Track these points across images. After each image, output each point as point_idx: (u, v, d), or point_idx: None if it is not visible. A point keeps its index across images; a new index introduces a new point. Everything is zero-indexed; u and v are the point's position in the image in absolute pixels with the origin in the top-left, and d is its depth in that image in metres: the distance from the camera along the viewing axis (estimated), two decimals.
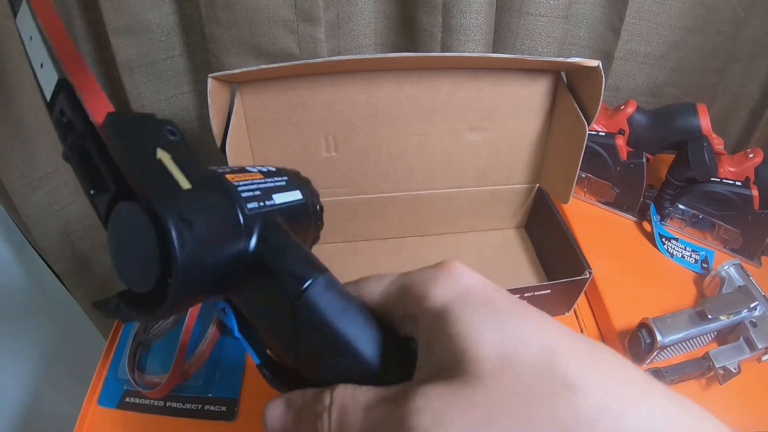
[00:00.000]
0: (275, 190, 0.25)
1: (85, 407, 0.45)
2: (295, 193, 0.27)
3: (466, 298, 0.20)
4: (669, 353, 0.48)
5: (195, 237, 0.19)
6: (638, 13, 0.66)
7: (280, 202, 0.25)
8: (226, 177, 0.23)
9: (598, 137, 0.61)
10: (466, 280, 0.21)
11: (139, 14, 0.60)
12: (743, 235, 0.59)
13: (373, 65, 0.48)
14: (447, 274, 0.22)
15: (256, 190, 0.24)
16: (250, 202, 0.23)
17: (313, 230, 0.28)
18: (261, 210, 0.23)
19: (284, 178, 0.27)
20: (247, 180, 0.24)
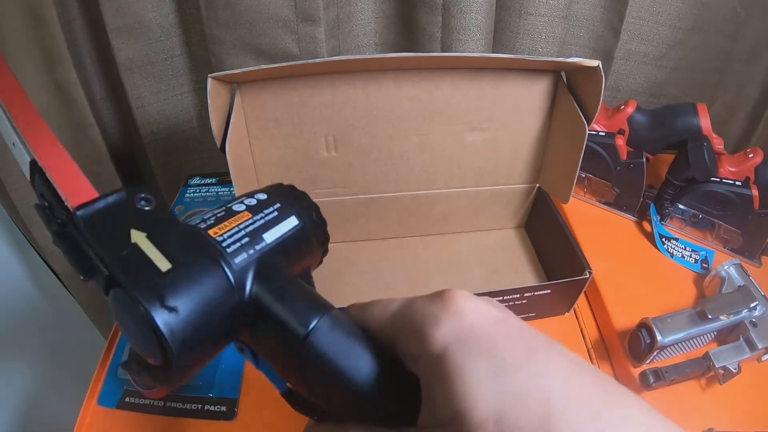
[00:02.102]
0: (266, 227, 0.24)
1: (85, 407, 0.45)
2: (289, 220, 0.25)
3: (467, 345, 0.19)
4: (669, 353, 0.48)
5: (183, 321, 0.19)
6: (638, 13, 0.66)
7: (272, 239, 0.24)
8: (209, 233, 0.22)
9: (598, 137, 0.61)
10: (468, 319, 0.20)
11: (139, 14, 0.60)
12: (743, 235, 0.59)
13: (373, 65, 0.48)
14: (448, 311, 0.20)
15: (244, 237, 0.23)
16: (237, 256, 0.22)
17: (317, 249, 0.27)
18: (252, 258, 0.22)
19: (276, 206, 0.26)
20: (232, 229, 0.23)
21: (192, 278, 0.20)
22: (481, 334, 0.20)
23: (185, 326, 0.19)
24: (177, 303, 0.19)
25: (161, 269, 0.19)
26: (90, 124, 0.63)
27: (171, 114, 0.70)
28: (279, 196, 0.26)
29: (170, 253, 0.20)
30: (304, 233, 0.26)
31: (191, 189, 0.68)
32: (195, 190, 0.68)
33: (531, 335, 0.20)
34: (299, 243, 0.26)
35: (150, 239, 0.20)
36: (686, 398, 0.46)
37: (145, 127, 0.68)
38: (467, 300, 0.21)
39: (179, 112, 0.70)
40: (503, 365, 0.18)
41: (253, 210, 0.25)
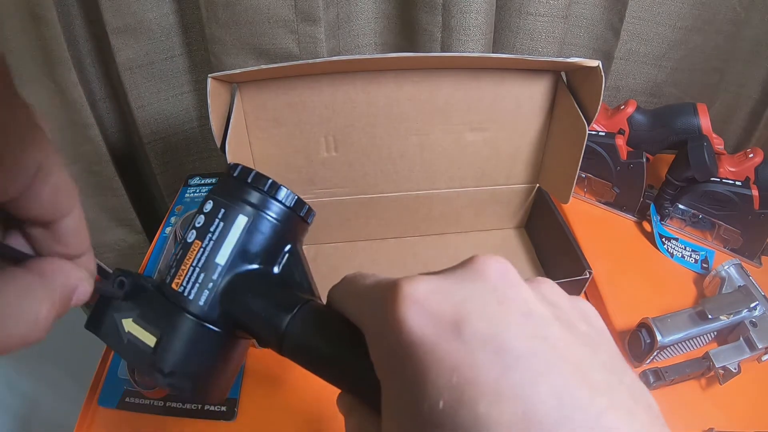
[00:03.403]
0: (216, 248, 0.24)
1: (85, 407, 0.45)
2: (237, 222, 0.25)
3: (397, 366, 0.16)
4: (669, 353, 0.48)
5: (185, 377, 0.23)
6: (638, 13, 0.66)
7: (226, 258, 0.24)
8: (173, 287, 0.24)
9: (598, 137, 0.61)
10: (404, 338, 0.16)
11: (139, 14, 0.60)
12: (743, 235, 0.59)
13: (373, 65, 0.48)
14: (390, 317, 0.17)
15: (201, 273, 0.24)
16: (201, 298, 0.24)
17: (289, 220, 0.26)
18: (214, 289, 0.24)
19: (220, 213, 0.25)
20: (188, 271, 0.24)
21: (173, 342, 0.23)
22: (415, 357, 0.16)
23: (187, 379, 0.23)
24: (172, 368, 0.23)
25: (151, 346, 0.23)
26: (90, 124, 0.63)
27: (171, 114, 0.70)
28: (223, 196, 0.25)
29: (152, 327, 0.23)
30: (259, 223, 0.25)
31: (191, 189, 0.68)
32: (195, 190, 0.68)
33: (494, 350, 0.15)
34: (259, 234, 0.25)
35: (136, 322, 0.24)
36: (686, 398, 0.46)
37: (145, 127, 0.68)
38: (411, 303, 0.16)
39: (179, 112, 0.70)
40: (425, 414, 0.15)
41: (201, 234, 0.25)
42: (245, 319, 0.24)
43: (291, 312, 0.23)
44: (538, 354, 0.15)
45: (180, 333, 0.23)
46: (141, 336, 0.23)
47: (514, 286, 0.17)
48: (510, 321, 0.16)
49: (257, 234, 0.25)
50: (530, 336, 0.15)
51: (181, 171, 0.73)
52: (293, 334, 0.22)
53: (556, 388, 0.14)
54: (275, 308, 0.23)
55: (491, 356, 0.15)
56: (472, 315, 0.16)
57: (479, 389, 0.14)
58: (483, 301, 0.16)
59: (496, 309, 0.16)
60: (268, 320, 0.23)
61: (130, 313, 0.24)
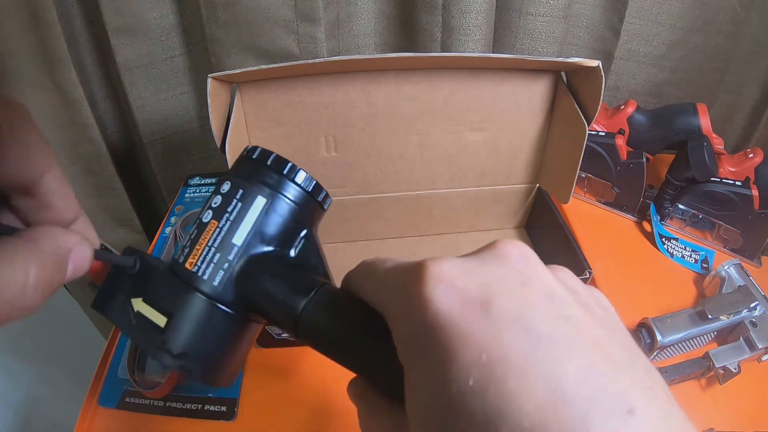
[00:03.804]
0: (233, 229, 0.24)
1: (85, 407, 0.45)
2: (256, 204, 0.24)
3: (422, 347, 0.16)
4: (669, 353, 0.48)
5: (193, 358, 0.23)
6: (638, 13, 0.66)
7: (243, 239, 0.24)
8: (186, 267, 0.24)
9: (598, 137, 0.61)
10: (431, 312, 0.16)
11: (139, 14, 0.60)
12: (743, 235, 0.59)
13: (373, 65, 0.48)
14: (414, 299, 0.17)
15: (215, 255, 0.24)
16: (215, 278, 0.23)
17: (306, 205, 0.26)
18: (229, 271, 0.24)
19: (238, 194, 0.24)
20: (203, 251, 0.24)
21: (184, 322, 0.23)
22: (443, 335, 0.16)
23: (197, 361, 0.23)
24: (182, 349, 0.22)
25: (160, 326, 0.23)
26: (90, 124, 0.63)
27: (171, 114, 0.70)
28: (241, 177, 0.25)
29: (163, 307, 0.23)
30: (278, 205, 0.25)
31: (191, 189, 0.68)
32: (195, 190, 0.68)
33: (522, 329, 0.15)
34: (277, 216, 0.25)
35: (146, 301, 0.23)
36: (686, 398, 0.46)
37: (145, 127, 0.68)
38: (437, 282, 0.16)
39: (179, 112, 0.70)
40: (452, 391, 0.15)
41: (218, 214, 0.24)
42: (261, 301, 0.23)
43: (307, 295, 0.23)
44: (563, 333, 0.15)
45: (192, 313, 0.23)
46: (151, 316, 0.23)
47: (535, 269, 0.17)
48: (534, 302, 0.16)
49: (275, 216, 0.25)
50: (554, 317, 0.16)
51: (181, 171, 0.73)
52: (309, 317, 0.22)
53: (582, 366, 0.14)
54: (291, 291, 0.23)
55: (519, 335, 0.15)
56: (497, 295, 0.16)
57: (509, 366, 0.14)
58: (507, 282, 0.16)
59: (521, 290, 0.16)
60: (284, 303, 0.23)
61: (140, 293, 0.23)
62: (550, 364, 0.14)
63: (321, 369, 0.47)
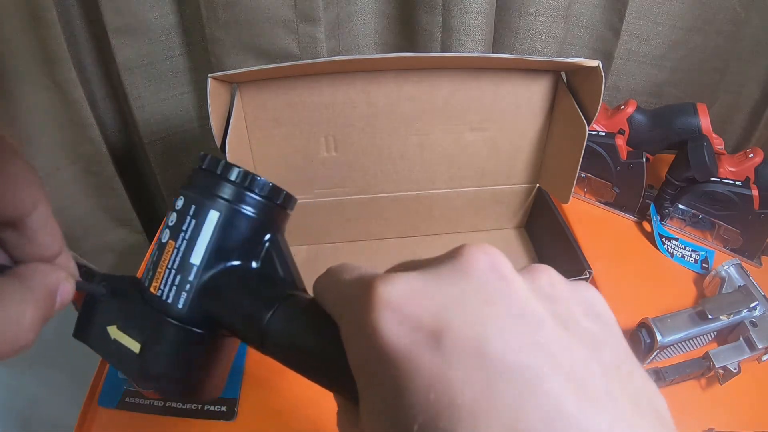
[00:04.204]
0: (189, 248, 0.23)
1: (85, 407, 0.44)
2: (209, 218, 0.23)
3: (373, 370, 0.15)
4: (669, 353, 0.48)
5: (172, 381, 0.23)
6: (638, 13, 0.66)
7: (200, 257, 0.23)
8: (151, 291, 0.24)
9: (598, 137, 0.61)
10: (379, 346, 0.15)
11: (139, 14, 0.60)
12: (743, 235, 0.59)
13: (373, 65, 0.48)
14: (361, 327, 0.15)
15: (176, 276, 0.23)
16: (179, 300, 0.23)
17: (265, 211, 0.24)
18: (191, 291, 0.23)
19: (191, 210, 0.23)
20: (164, 273, 0.23)
21: (157, 347, 0.23)
22: (390, 368, 0.14)
23: (175, 382, 0.23)
24: (158, 373, 0.23)
25: (136, 352, 0.23)
26: (90, 124, 0.63)
27: (171, 114, 0.70)
28: (193, 191, 0.24)
29: (136, 334, 0.23)
30: (232, 217, 0.23)
31: None
32: None
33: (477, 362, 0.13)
34: (233, 228, 0.24)
35: (120, 329, 0.24)
36: (686, 398, 0.46)
37: (145, 127, 0.68)
38: (384, 307, 0.15)
39: (179, 112, 0.70)
40: (401, 420, 0.13)
41: (174, 233, 0.24)
42: (226, 318, 0.23)
43: (272, 308, 0.22)
44: (529, 364, 0.13)
45: (163, 338, 0.23)
46: (126, 342, 0.23)
47: (504, 280, 0.15)
48: (498, 326, 0.14)
49: (232, 229, 0.23)
50: (520, 343, 0.13)
51: (181, 171, 0.73)
52: (274, 331, 0.21)
53: (546, 408, 0.12)
54: (255, 305, 0.22)
55: (473, 371, 0.13)
56: (453, 321, 0.14)
57: (459, 410, 0.13)
58: (468, 303, 0.14)
59: (483, 311, 0.14)
60: (249, 318, 0.22)
61: (114, 320, 0.24)
62: (509, 408, 0.12)
63: None
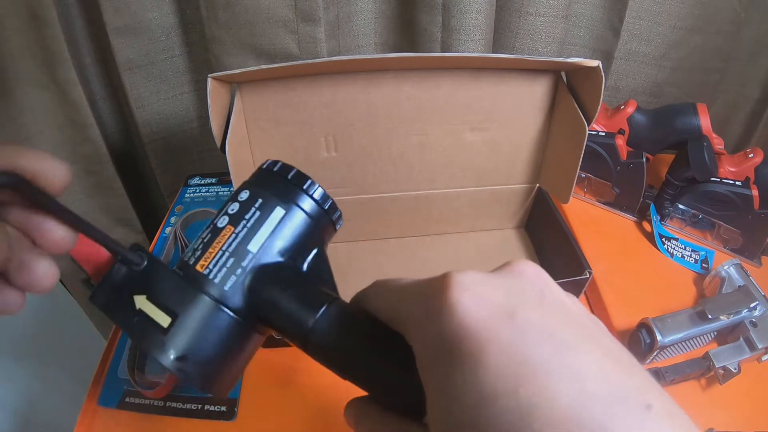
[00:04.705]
0: (249, 236, 0.24)
1: (85, 407, 0.45)
2: (274, 214, 0.25)
3: (449, 356, 0.17)
4: (669, 353, 0.48)
5: (195, 362, 0.22)
6: (638, 13, 0.66)
7: (258, 246, 0.24)
8: (197, 269, 0.24)
9: (598, 137, 0.61)
10: (457, 318, 0.17)
11: (139, 14, 0.60)
12: (743, 235, 0.59)
13: (373, 65, 0.48)
14: (439, 307, 0.17)
15: (229, 259, 0.24)
16: (227, 282, 0.23)
17: (319, 223, 0.26)
18: (241, 277, 0.24)
19: (257, 202, 0.25)
20: (216, 254, 0.24)
21: (189, 324, 0.22)
22: (471, 339, 0.16)
23: (200, 364, 0.22)
24: (184, 351, 0.22)
25: (164, 326, 0.22)
26: (90, 124, 0.63)
27: (171, 114, 0.70)
28: (261, 187, 0.26)
29: (168, 306, 0.22)
30: (295, 217, 0.25)
31: (191, 189, 0.68)
32: (195, 190, 0.68)
33: (545, 335, 0.16)
34: (292, 229, 0.25)
35: (149, 300, 0.22)
36: (686, 398, 0.46)
37: (145, 127, 0.68)
38: (463, 290, 0.17)
39: (179, 112, 0.70)
40: (481, 388, 0.15)
41: (234, 220, 0.25)
42: (270, 311, 0.23)
43: (318, 309, 0.23)
44: (579, 340, 0.16)
45: (198, 314, 0.22)
46: (154, 315, 0.22)
47: (549, 286, 0.19)
48: (553, 312, 0.17)
49: (291, 228, 0.25)
50: (571, 326, 0.17)
51: (181, 171, 0.73)
52: (321, 332, 0.22)
53: (600, 368, 0.16)
54: (302, 303, 0.23)
55: (543, 340, 0.16)
56: (520, 305, 0.17)
57: (537, 367, 0.15)
58: (527, 296, 0.18)
59: (540, 302, 0.18)
60: (295, 315, 0.23)
61: (144, 290, 0.23)
62: (573, 366, 0.15)
63: (321, 369, 0.47)
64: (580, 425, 0.14)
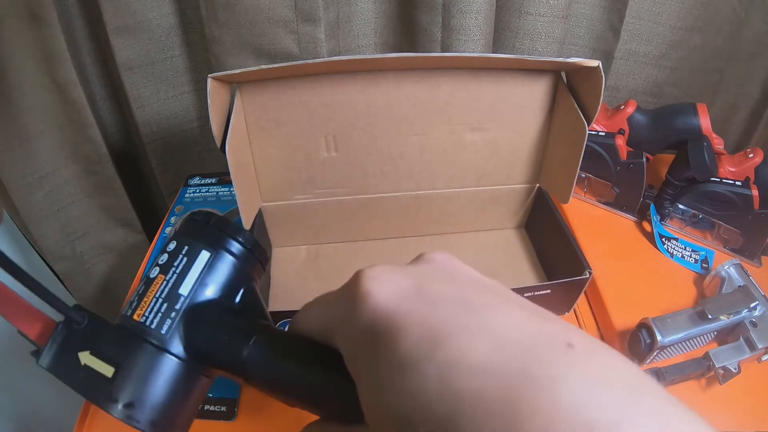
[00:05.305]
0: (179, 281, 0.25)
1: (85, 407, 0.45)
2: (200, 257, 0.26)
3: (370, 344, 0.17)
4: (669, 353, 0.48)
5: (144, 407, 0.23)
6: (638, 13, 0.66)
7: (189, 288, 0.25)
8: (134, 318, 0.25)
9: (598, 137, 0.61)
10: (370, 307, 0.18)
11: (139, 14, 0.60)
12: (743, 235, 0.59)
13: (373, 65, 0.48)
14: (354, 305, 0.18)
15: (162, 304, 0.25)
16: (162, 326, 0.24)
17: (246, 261, 0.28)
18: (176, 319, 0.25)
19: (184, 249, 0.26)
20: (150, 302, 0.25)
21: (132, 371, 0.23)
22: (383, 323, 0.17)
23: (147, 409, 0.23)
24: (130, 398, 0.23)
25: (108, 376, 0.23)
26: (90, 124, 0.63)
27: (171, 114, 0.70)
28: (187, 236, 0.27)
29: (111, 358, 0.23)
30: (221, 258, 0.27)
31: (191, 189, 0.68)
32: (195, 190, 0.68)
33: (456, 302, 0.17)
34: (220, 269, 0.27)
35: (93, 354, 0.24)
36: (686, 398, 0.46)
37: (145, 127, 0.68)
38: (370, 282, 0.18)
39: (179, 112, 0.70)
40: (402, 362, 0.16)
41: (165, 269, 0.26)
42: (207, 346, 0.25)
43: (251, 337, 0.24)
44: (493, 300, 0.17)
45: (140, 360, 0.23)
46: (98, 367, 0.23)
47: (459, 267, 0.20)
48: (463, 283, 0.18)
49: (218, 268, 0.26)
50: (483, 290, 0.18)
51: (181, 171, 0.73)
52: (255, 360, 0.23)
53: (517, 318, 0.16)
54: (236, 334, 0.24)
55: (455, 305, 0.17)
56: (428, 282, 0.18)
57: (452, 328, 0.16)
58: (436, 275, 0.19)
59: (449, 279, 0.19)
60: (229, 347, 0.24)
61: (87, 346, 0.24)
62: (488, 323, 0.16)
63: None
64: (501, 372, 0.14)
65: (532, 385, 0.14)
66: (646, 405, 0.13)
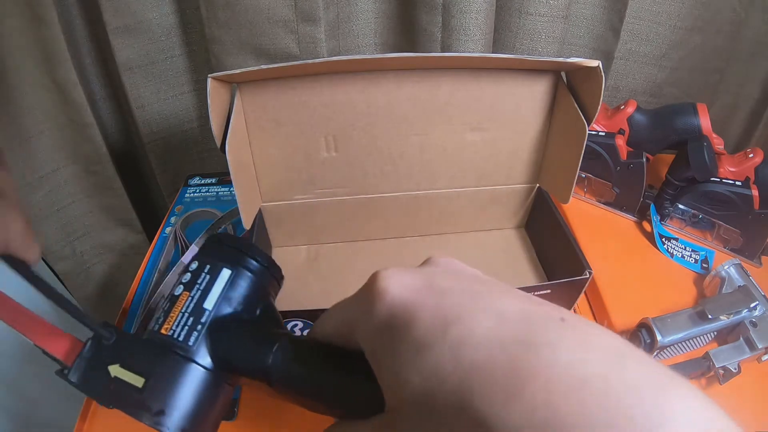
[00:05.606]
0: (203, 297, 0.27)
1: (85, 407, 0.45)
2: (222, 275, 0.28)
3: (388, 333, 0.19)
4: (669, 353, 0.48)
5: (174, 415, 0.24)
6: (638, 13, 0.66)
7: (213, 303, 0.27)
8: (161, 333, 0.26)
9: (598, 137, 0.61)
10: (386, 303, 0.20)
11: (139, 14, 0.60)
12: (743, 235, 0.59)
13: (373, 65, 0.48)
14: (371, 304, 0.20)
15: (189, 317, 0.26)
16: (190, 338, 0.26)
17: (264, 278, 0.29)
18: (202, 331, 0.26)
19: (206, 268, 0.28)
20: (177, 317, 0.26)
21: (162, 380, 0.25)
22: (399, 314, 0.19)
23: (177, 416, 0.24)
24: (161, 406, 0.24)
25: (138, 386, 0.24)
26: (90, 124, 0.63)
27: (171, 114, 0.70)
28: (208, 257, 0.29)
29: (140, 369, 0.25)
30: (241, 275, 0.28)
31: (191, 189, 0.68)
32: (195, 190, 0.68)
33: (457, 293, 0.19)
34: (240, 285, 0.28)
35: (123, 366, 0.25)
36: None
37: (145, 127, 0.68)
38: (386, 280, 0.20)
39: (179, 112, 0.70)
40: (418, 345, 0.18)
41: (189, 286, 0.28)
42: (231, 355, 0.26)
43: (274, 344, 0.25)
44: (494, 291, 0.19)
45: (169, 371, 0.25)
46: (128, 378, 0.25)
47: (463, 268, 0.23)
48: (468, 279, 0.21)
49: (239, 284, 0.28)
50: (488, 285, 0.20)
51: (181, 171, 0.73)
52: (280, 365, 0.25)
53: (514, 303, 0.18)
54: (259, 342, 0.26)
55: (460, 294, 0.19)
56: (436, 279, 0.20)
57: (459, 312, 0.18)
58: (444, 273, 0.21)
59: (455, 276, 0.21)
60: (254, 355, 0.25)
61: (116, 359, 0.25)
62: (492, 304, 0.18)
63: None
64: (503, 344, 0.16)
65: (531, 352, 0.16)
66: (632, 361, 0.16)
